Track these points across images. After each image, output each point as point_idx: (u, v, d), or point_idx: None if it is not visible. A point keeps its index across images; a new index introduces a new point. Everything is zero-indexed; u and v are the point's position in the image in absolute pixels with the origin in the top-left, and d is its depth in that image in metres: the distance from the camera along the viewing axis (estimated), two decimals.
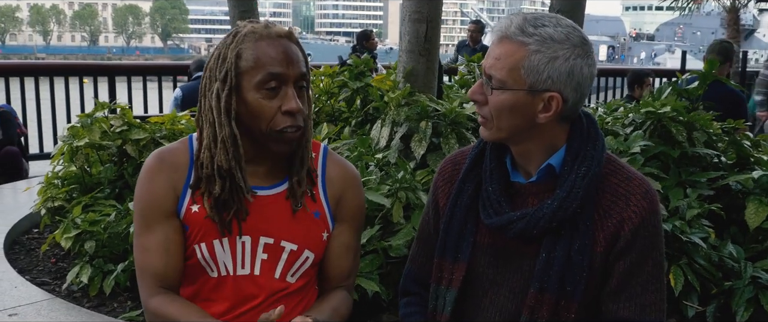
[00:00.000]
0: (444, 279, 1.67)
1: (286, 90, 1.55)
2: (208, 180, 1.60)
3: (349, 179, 1.76)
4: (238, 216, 1.61)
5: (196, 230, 1.62)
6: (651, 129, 3.38)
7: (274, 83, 1.54)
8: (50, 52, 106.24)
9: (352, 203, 1.76)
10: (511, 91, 1.49)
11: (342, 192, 1.74)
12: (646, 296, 1.52)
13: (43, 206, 3.76)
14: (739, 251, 2.97)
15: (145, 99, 8.15)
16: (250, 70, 1.54)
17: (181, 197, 1.64)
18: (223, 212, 1.60)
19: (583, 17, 4.29)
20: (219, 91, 1.55)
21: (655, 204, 1.54)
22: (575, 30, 1.49)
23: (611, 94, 10.58)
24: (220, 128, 1.56)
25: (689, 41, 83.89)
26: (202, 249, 1.62)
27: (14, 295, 3.01)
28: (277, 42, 1.56)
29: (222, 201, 1.60)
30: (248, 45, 1.55)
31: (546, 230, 1.51)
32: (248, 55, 1.54)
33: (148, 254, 1.62)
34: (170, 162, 1.66)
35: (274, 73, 1.54)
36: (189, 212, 1.63)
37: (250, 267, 1.65)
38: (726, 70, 5.56)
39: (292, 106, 1.54)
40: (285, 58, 1.55)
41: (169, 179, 1.64)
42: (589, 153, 1.53)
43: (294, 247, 1.66)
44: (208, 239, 1.62)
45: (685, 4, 18.09)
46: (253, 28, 1.58)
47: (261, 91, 1.54)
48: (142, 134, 3.78)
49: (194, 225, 1.63)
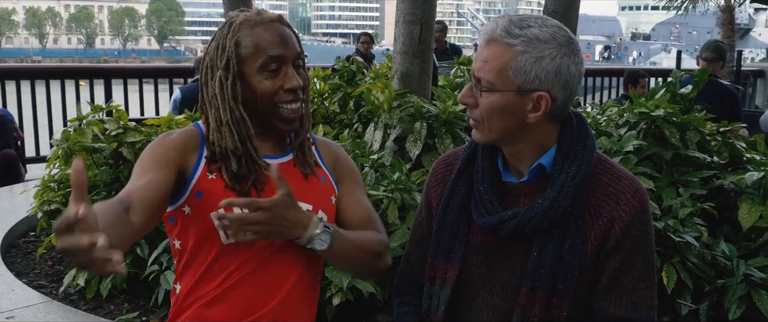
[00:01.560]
0: (437, 279, 1.68)
1: (286, 70, 1.65)
2: (223, 158, 1.65)
3: (333, 147, 1.88)
4: (256, 185, 1.66)
5: (213, 197, 1.60)
6: (644, 130, 3.40)
7: (275, 65, 1.63)
8: (46, 55, 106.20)
9: (345, 163, 1.86)
10: (500, 93, 1.51)
11: (334, 158, 1.85)
12: (637, 294, 1.54)
13: (39, 209, 3.77)
14: (732, 249, 2.99)
15: (142, 102, 8.16)
16: (251, 55, 1.63)
17: (195, 165, 1.65)
18: (241, 183, 1.65)
19: (577, 18, 4.31)
20: (222, 78, 1.63)
21: (645, 203, 1.56)
22: (561, 29, 1.51)
23: (607, 94, 10.61)
24: (226, 113, 1.63)
25: (685, 40, 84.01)
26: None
27: (11, 298, 3.02)
28: (271, 26, 1.65)
29: (240, 176, 1.65)
30: (245, 32, 1.63)
31: (537, 230, 1.53)
32: (247, 42, 1.63)
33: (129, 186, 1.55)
34: (180, 135, 1.69)
35: (274, 55, 1.62)
36: (205, 179, 1.64)
37: None
38: (718, 68, 5.63)
39: (293, 83, 1.64)
40: (281, 40, 1.64)
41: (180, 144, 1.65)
42: (579, 153, 1.55)
43: (309, 207, 1.70)
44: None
45: (681, 3, 18.13)
46: (247, 16, 1.66)
47: (263, 74, 1.63)
48: (137, 137, 3.79)
49: (211, 193, 1.62)
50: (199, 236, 1.66)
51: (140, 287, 3.15)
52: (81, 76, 8.17)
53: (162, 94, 8.32)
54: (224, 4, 4.75)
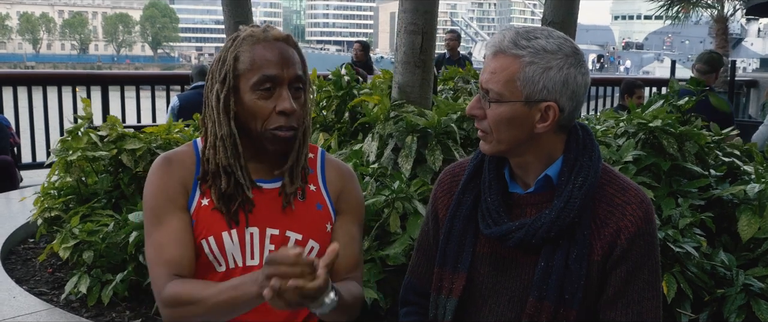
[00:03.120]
0: (444, 289, 1.70)
1: (280, 91, 1.62)
2: (214, 176, 1.67)
3: (346, 175, 1.84)
4: (244, 208, 1.67)
5: (204, 224, 1.66)
6: (643, 140, 3.43)
7: (269, 84, 1.61)
8: (40, 61, 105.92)
9: (351, 196, 1.82)
10: (508, 104, 1.53)
11: (341, 188, 1.81)
12: (643, 304, 1.56)
13: (39, 215, 3.77)
14: (731, 259, 3.01)
15: (139, 109, 8.16)
16: (247, 72, 1.62)
17: (192, 193, 1.69)
18: (229, 204, 1.66)
19: (576, 28, 4.33)
20: (218, 92, 1.63)
21: (650, 213, 1.58)
22: (566, 41, 1.54)
23: (601, 103, 10.66)
24: (220, 127, 1.64)
25: (678, 50, 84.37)
26: (210, 243, 1.66)
27: (13, 305, 3.02)
28: (273, 45, 1.64)
29: (228, 195, 1.65)
30: (246, 48, 1.63)
31: (544, 240, 1.55)
32: (245, 57, 1.62)
33: (161, 248, 1.63)
34: (178, 161, 1.72)
35: (269, 75, 1.61)
36: (199, 206, 1.68)
37: (260, 258, 1.69)
38: (712, 80, 5.69)
39: (285, 106, 1.61)
40: (280, 61, 1.62)
41: (179, 175, 1.69)
42: (585, 164, 1.57)
43: (299, 237, 1.70)
44: (216, 231, 1.66)
45: (674, 13, 18.25)
46: (252, 31, 1.66)
47: (257, 92, 1.62)
48: (137, 144, 3.79)
49: (202, 219, 1.67)
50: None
51: (142, 295, 3.15)
52: (78, 82, 8.15)
53: (158, 102, 8.32)
54: (224, 12, 4.76)
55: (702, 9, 18.18)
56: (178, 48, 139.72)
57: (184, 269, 1.63)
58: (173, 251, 1.63)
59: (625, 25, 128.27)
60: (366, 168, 3.33)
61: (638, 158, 3.27)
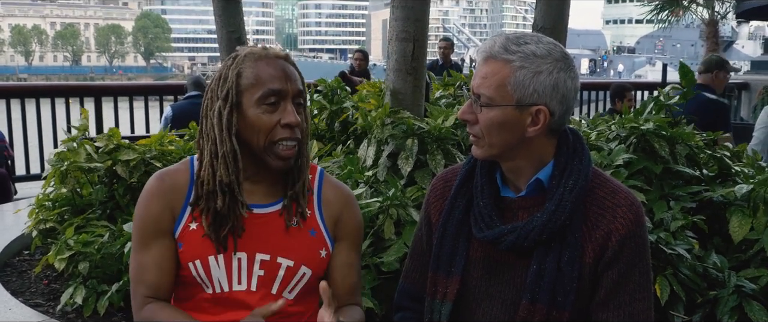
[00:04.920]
0: (438, 293, 1.72)
1: (285, 105, 1.64)
2: (209, 196, 1.66)
3: (345, 199, 1.83)
4: (233, 233, 1.67)
5: (191, 247, 1.67)
6: (634, 143, 3.45)
7: (274, 98, 1.63)
8: (32, 73, 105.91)
9: (350, 222, 1.82)
10: (499, 108, 1.55)
11: (340, 213, 1.80)
12: (635, 305, 1.58)
13: (34, 227, 3.77)
14: (723, 261, 3.03)
15: (132, 119, 8.15)
16: (251, 87, 1.63)
17: (179, 216, 1.70)
18: (220, 228, 1.66)
19: (566, 33, 4.36)
20: (220, 108, 1.64)
21: (641, 216, 1.60)
22: (556, 46, 1.57)
23: (594, 107, 10.69)
24: (222, 144, 1.64)
25: (669, 53, 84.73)
26: (196, 266, 1.67)
27: (9, 317, 3.02)
28: (274, 61, 1.66)
29: (220, 216, 1.65)
30: (248, 64, 1.65)
31: (536, 243, 1.57)
32: (248, 73, 1.64)
33: (143, 270, 1.70)
34: (170, 183, 1.72)
35: (274, 89, 1.62)
36: (186, 229, 1.69)
37: (247, 283, 1.69)
38: (711, 80, 5.64)
39: (291, 119, 1.63)
40: (283, 76, 1.64)
41: (167, 200, 1.70)
42: (576, 167, 1.60)
43: (290, 263, 1.70)
44: (203, 255, 1.67)
45: (665, 17, 18.37)
46: (252, 50, 1.68)
47: (261, 107, 1.63)
48: (132, 155, 3.80)
49: (189, 242, 1.68)
50: (180, 283, 1.72)
51: None
52: (71, 94, 8.15)
53: (152, 111, 8.32)
54: (216, 22, 4.77)
55: (692, 12, 18.29)
56: (171, 58, 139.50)
57: (161, 293, 1.70)
58: (152, 275, 1.69)
59: (617, 30, 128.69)
60: (361, 175, 3.34)
61: (630, 162, 3.29)
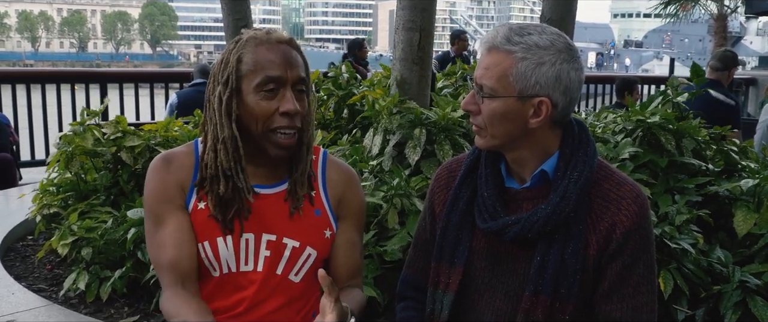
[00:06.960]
0: (441, 283, 1.71)
1: (284, 92, 1.62)
2: (212, 180, 1.66)
3: (348, 179, 1.84)
4: (239, 215, 1.67)
5: (199, 228, 1.67)
6: (640, 137, 3.43)
7: (272, 86, 1.61)
8: (39, 59, 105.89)
9: (352, 202, 1.83)
10: (501, 99, 1.54)
11: (343, 192, 1.81)
12: (638, 298, 1.57)
13: (38, 212, 3.78)
14: (727, 255, 3.02)
15: (137, 106, 8.16)
16: (250, 73, 1.61)
17: (189, 194, 1.70)
18: (225, 211, 1.66)
19: (574, 25, 4.34)
20: (221, 94, 1.63)
21: (646, 208, 1.59)
22: (560, 37, 1.55)
23: (600, 100, 10.67)
24: (222, 130, 1.63)
25: (677, 48, 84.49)
26: (205, 248, 1.67)
27: (12, 301, 3.03)
28: (276, 47, 1.64)
29: (225, 200, 1.65)
30: (249, 49, 1.63)
31: (540, 234, 1.56)
32: (248, 59, 1.62)
33: (163, 249, 1.66)
34: (176, 161, 1.72)
35: (272, 76, 1.61)
36: (195, 209, 1.68)
37: (254, 264, 1.70)
38: (725, 78, 5.64)
39: (288, 107, 1.61)
40: (284, 62, 1.62)
41: (176, 175, 1.70)
42: (581, 159, 1.58)
43: (296, 244, 1.71)
44: (211, 237, 1.67)
45: (673, 11, 18.27)
46: (255, 34, 1.66)
47: (260, 93, 1.61)
48: (136, 141, 3.80)
49: (198, 222, 1.68)
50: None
51: (141, 291, 3.15)
52: (77, 80, 8.16)
53: (157, 99, 8.33)
54: (223, 9, 4.76)
55: (701, 6, 18.18)
56: (177, 46, 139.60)
57: (184, 268, 1.65)
58: (172, 252, 1.65)
59: (625, 23, 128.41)
60: (366, 164, 3.34)
61: (635, 155, 3.28)
